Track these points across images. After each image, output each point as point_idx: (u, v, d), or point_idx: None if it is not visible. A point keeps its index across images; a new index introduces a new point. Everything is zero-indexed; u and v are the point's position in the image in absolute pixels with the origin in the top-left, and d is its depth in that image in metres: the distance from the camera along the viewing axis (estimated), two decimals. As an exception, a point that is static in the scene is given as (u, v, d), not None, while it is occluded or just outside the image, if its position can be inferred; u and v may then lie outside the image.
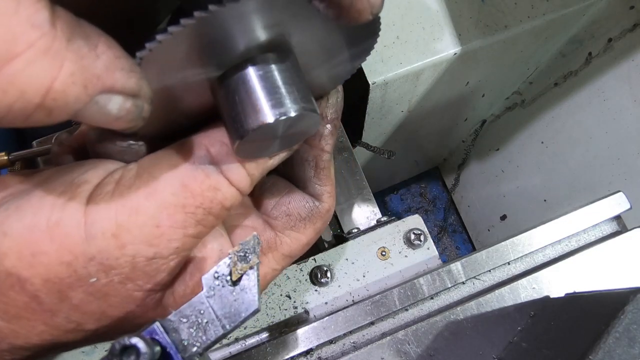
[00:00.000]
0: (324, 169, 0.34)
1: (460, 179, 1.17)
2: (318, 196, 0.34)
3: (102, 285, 0.26)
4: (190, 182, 0.26)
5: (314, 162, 0.33)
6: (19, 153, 0.47)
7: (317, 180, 0.34)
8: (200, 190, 0.26)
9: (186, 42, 0.22)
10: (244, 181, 0.28)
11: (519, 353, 0.36)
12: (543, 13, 0.58)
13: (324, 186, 0.34)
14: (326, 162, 0.34)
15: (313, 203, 0.34)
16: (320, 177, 0.34)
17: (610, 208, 0.43)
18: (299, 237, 0.33)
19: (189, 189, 0.26)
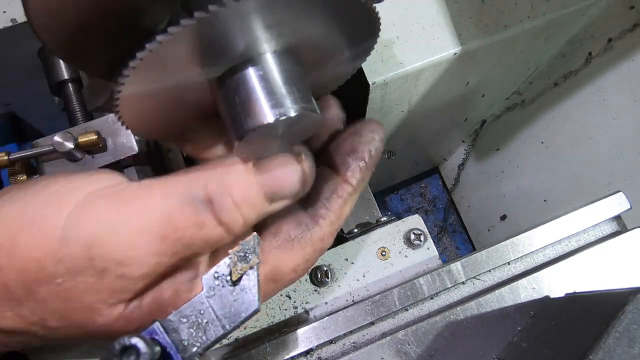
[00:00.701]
0: (339, 199, 0.33)
1: (460, 179, 1.17)
2: (317, 220, 0.33)
3: (66, 289, 0.26)
4: (177, 215, 0.26)
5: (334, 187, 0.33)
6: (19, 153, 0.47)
7: (326, 204, 0.33)
8: (184, 225, 0.26)
9: (186, 43, 0.22)
10: (236, 223, 0.28)
11: (519, 353, 0.36)
12: (543, 13, 0.58)
13: (329, 212, 0.33)
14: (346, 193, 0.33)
15: (307, 226, 0.32)
16: (331, 204, 0.33)
17: (610, 208, 0.43)
18: (284, 260, 0.31)
19: (174, 221, 0.26)
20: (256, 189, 0.28)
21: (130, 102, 0.26)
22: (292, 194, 0.29)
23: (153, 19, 0.26)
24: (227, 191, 0.27)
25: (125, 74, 0.23)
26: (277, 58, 0.26)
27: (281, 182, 0.28)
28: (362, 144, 0.33)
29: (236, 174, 0.28)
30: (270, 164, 0.28)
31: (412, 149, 1.02)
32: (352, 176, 0.33)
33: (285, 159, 0.29)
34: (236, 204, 0.27)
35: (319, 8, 0.24)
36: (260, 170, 0.28)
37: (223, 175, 0.27)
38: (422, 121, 0.78)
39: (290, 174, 0.28)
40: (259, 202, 0.28)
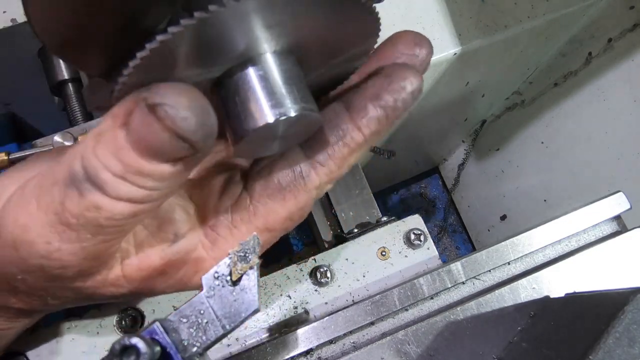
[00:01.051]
0: (346, 147, 0.28)
1: (460, 179, 1.17)
2: (315, 166, 0.29)
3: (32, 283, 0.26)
4: (67, 202, 0.23)
5: (343, 133, 0.28)
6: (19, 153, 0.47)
7: (329, 150, 0.29)
8: (78, 210, 0.23)
9: (186, 43, 0.22)
10: (134, 194, 0.23)
11: (519, 353, 0.36)
12: (543, 13, 0.58)
13: (330, 160, 0.29)
14: (354, 142, 0.28)
15: (301, 174, 0.29)
16: (335, 151, 0.29)
17: (610, 208, 0.43)
18: (276, 209, 0.29)
19: (67, 209, 0.23)
20: (133, 156, 0.22)
21: (130, 102, 0.26)
22: (177, 153, 0.23)
23: (153, 19, 0.26)
24: (102, 165, 0.23)
25: (125, 74, 0.23)
26: (277, 58, 0.26)
27: (152, 143, 0.22)
28: (388, 91, 0.28)
29: (108, 142, 0.23)
30: (135, 123, 0.22)
31: (412, 149, 1.02)
32: (367, 125, 0.28)
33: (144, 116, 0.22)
34: (120, 176, 0.23)
35: (319, 8, 0.24)
36: (129, 129, 0.22)
37: (94, 146, 0.23)
38: (422, 121, 0.78)
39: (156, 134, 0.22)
40: (147, 168, 0.23)
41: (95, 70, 0.27)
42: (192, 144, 0.22)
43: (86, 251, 0.25)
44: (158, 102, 0.21)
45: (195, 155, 0.23)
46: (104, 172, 0.23)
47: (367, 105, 0.28)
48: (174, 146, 0.22)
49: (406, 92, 0.28)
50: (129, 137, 0.22)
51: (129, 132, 0.22)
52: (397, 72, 0.28)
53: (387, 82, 0.28)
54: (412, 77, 0.28)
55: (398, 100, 0.28)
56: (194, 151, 0.23)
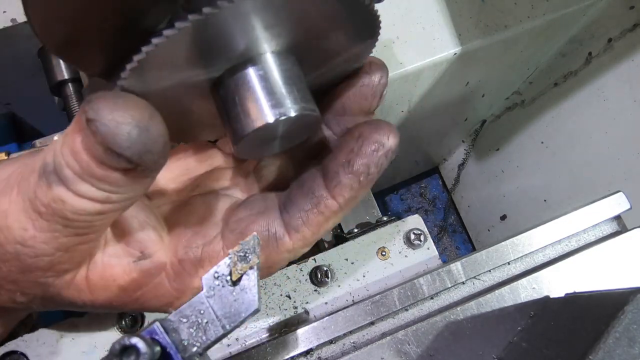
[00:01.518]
0: (320, 215, 0.28)
1: (460, 179, 1.17)
2: (291, 231, 0.29)
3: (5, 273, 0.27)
4: (37, 190, 0.24)
5: (317, 200, 0.28)
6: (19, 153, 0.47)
7: (304, 217, 0.29)
8: (46, 200, 0.24)
9: (183, 45, 0.22)
10: (94, 194, 0.24)
11: (519, 353, 0.36)
12: (543, 13, 0.58)
13: (304, 227, 0.29)
14: (329, 210, 0.28)
15: (275, 235, 0.29)
16: (309, 218, 0.28)
17: (610, 208, 0.43)
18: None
19: (38, 198, 0.24)
20: (86, 160, 0.23)
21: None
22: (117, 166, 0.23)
23: (153, 19, 0.26)
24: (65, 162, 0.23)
25: (123, 76, 0.23)
26: (276, 58, 0.26)
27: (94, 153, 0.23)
28: (360, 157, 0.27)
29: (69, 142, 0.23)
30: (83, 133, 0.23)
31: (412, 149, 1.02)
32: (340, 194, 0.28)
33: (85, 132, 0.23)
34: (79, 176, 0.24)
35: (318, 8, 0.24)
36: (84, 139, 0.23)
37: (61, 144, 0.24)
38: (422, 121, 0.78)
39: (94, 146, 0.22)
40: (98, 172, 0.23)
41: (95, 70, 0.27)
42: (128, 160, 0.23)
43: (58, 242, 0.26)
44: (92, 118, 0.22)
45: (139, 169, 0.23)
46: (66, 169, 0.23)
47: (340, 172, 0.27)
48: (110, 160, 0.23)
49: (378, 155, 0.27)
50: (83, 142, 0.23)
51: (84, 137, 0.23)
52: (369, 134, 0.27)
53: (357, 146, 0.27)
54: (384, 137, 0.27)
55: (370, 166, 0.27)
56: (134, 165, 0.23)
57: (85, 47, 0.26)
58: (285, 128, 0.27)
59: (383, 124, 0.28)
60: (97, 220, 0.26)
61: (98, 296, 0.30)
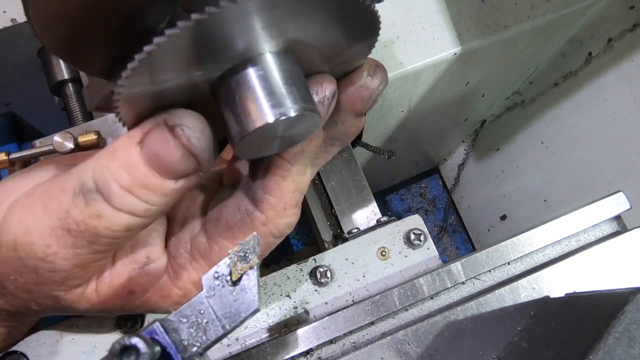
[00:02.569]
0: (274, 177, 0.29)
1: (460, 179, 1.17)
2: (257, 203, 0.30)
3: (22, 284, 0.28)
4: (72, 209, 0.26)
5: (266, 165, 0.29)
6: (19, 153, 0.47)
7: (262, 185, 0.30)
8: (81, 217, 0.26)
9: (185, 44, 0.22)
10: (138, 207, 0.26)
11: (519, 353, 0.36)
12: (543, 13, 0.58)
13: (266, 194, 0.30)
14: (279, 169, 0.29)
15: (246, 211, 0.30)
16: (267, 184, 0.29)
17: (610, 208, 0.43)
18: (228, 246, 0.31)
19: (71, 216, 0.26)
20: (143, 171, 0.25)
21: (130, 103, 0.26)
22: (185, 170, 0.26)
23: (153, 19, 0.26)
24: (112, 177, 0.25)
25: (124, 76, 0.23)
26: (276, 58, 0.26)
27: (165, 159, 0.25)
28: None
29: (120, 157, 0.26)
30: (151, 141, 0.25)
31: (412, 149, 1.02)
32: (286, 151, 0.29)
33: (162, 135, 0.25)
34: (127, 189, 0.25)
35: (318, 8, 0.24)
36: (144, 150, 0.25)
37: (108, 160, 0.26)
38: (422, 121, 0.78)
39: (171, 150, 0.25)
40: (153, 182, 0.26)
41: (95, 70, 0.27)
42: (199, 162, 0.26)
43: (78, 259, 0.27)
44: (178, 123, 0.25)
45: (197, 173, 0.26)
46: (113, 184, 0.25)
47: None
48: (183, 162, 0.25)
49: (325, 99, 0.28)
50: (142, 153, 0.25)
51: (143, 148, 0.25)
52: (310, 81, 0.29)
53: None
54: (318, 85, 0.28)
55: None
56: (198, 169, 0.26)
57: (85, 47, 0.26)
58: (286, 128, 0.27)
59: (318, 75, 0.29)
60: (125, 236, 0.27)
61: (108, 304, 0.31)
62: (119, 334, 0.41)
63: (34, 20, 0.23)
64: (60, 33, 0.24)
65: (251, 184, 0.31)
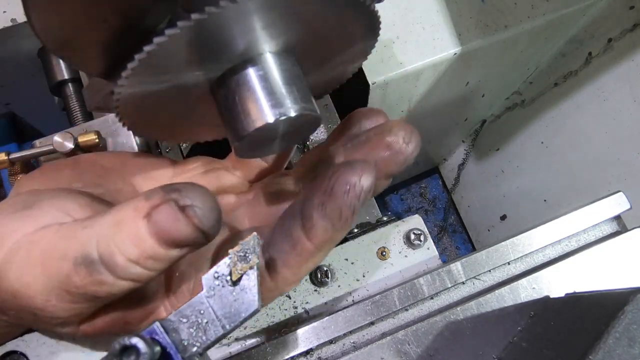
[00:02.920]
0: (298, 257, 0.28)
1: (460, 179, 1.17)
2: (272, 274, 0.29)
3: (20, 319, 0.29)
4: (73, 276, 0.26)
5: (294, 242, 0.28)
6: (19, 153, 0.47)
7: (283, 259, 0.28)
8: (82, 284, 0.26)
9: (184, 45, 0.22)
10: (141, 275, 0.26)
11: (519, 353, 0.36)
12: (543, 13, 0.58)
13: (284, 269, 0.29)
14: (306, 252, 0.28)
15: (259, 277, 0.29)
16: (289, 262, 0.28)
17: (610, 208, 0.43)
18: None
19: (72, 281, 0.26)
20: (150, 243, 0.25)
21: (130, 103, 0.26)
22: (192, 242, 0.26)
23: (153, 19, 0.26)
24: (119, 250, 0.25)
25: (124, 76, 0.23)
26: (276, 58, 0.26)
27: (173, 235, 0.25)
28: (332, 199, 0.26)
29: (127, 230, 0.25)
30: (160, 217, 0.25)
31: (412, 149, 1.02)
32: (315, 236, 0.27)
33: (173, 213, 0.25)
34: (132, 260, 0.25)
35: (318, 8, 0.24)
36: (152, 221, 0.25)
37: (115, 233, 0.25)
38: (422, 121, 0.78)
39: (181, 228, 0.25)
40: (159, 253, 0.26)
41: (95, 70, 0.27)
42: (207, 235, 0.26)
43: (77, 310, 0.28)
44: (189, 204, 0.25)
45: (201, 242, 0.26)
46: (119, 256, 0.25)
47: (314, 215, 0.27)
48: (192, 237, 0.25)
49: (350, 197, 0.26)
50: (149, 228, 0.25)
51: (151, 223, 0.25)
52: (340, 175, 0.26)
53: (329, 188, 0.26)
54: (355, 177, 0.26)
55: (343, 209, 0.26)
56: (206, 241, 0.26)
57: (86, 47, 0.26)
58: (286, 128, 0.27)
59: (357, 163, 0.26)
60: (123, 294, 0.27)
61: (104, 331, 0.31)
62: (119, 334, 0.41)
63: (34, 20, 0.23)
64: (61, 33, 0.24)
65: (270, 249, 0.29)
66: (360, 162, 0.26)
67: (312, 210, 0.27)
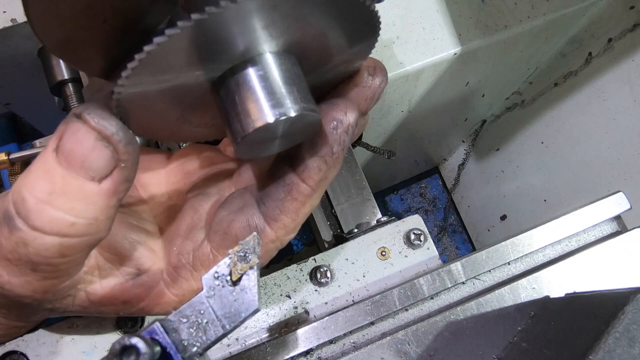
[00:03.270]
0: (295, 201, 0.29)
1: (460, 179, 1.17)
2: (270, 222, 0.30)
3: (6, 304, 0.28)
4: (2, 240, 0.24)
5: (288, 187, 0.29)
6: (19, 153, 0.47)
7: (279, 205, 0.29)
8: (10, 246, 0.24)
9: (184, 44, 0.22)
10: (58, 223, 0.24)
11: (519, 353, 0.36)
12: (543, 13, 0.58)
13: (282, 215, 0.29)
14: (302, 195, 0.29)
15: (256, 227, 0.30)
16: (286, 206, 0.29)
17: (610, 208, 0.43)
18: None
19: (2, 244, 0.24)
20: (60, 172, 0.23)
21: (129, 103, 0.26)
22: (103, 160, 0.23)
23: (153, 19, 0.26)
24: (28, 191, 0.23)
25: (124, 75, 0.23)
26: (276, 58, 0.26)
27: (79, 151, 0.23)
28: (322, 137, 0.27)
29: (36, 167, 0.23)
30: (65, 138, 0.23)
31: (412, 149, 1.02)
32: (309, 177, 0.28)
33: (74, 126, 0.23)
34: (44, 200, 0.23)
35: (318, 8, 0.24)
36: (60, 152, 0.23)
37: (25, 176, 0.24)
38: (422, 121, 0.78)
39: (82, 137, 0.23)
40: (72, 185, 0.23)
41: (95, 70, 0.27)
42: (116, 147, 0.23)
43: (33, 285, 0.26)
44: (84, 111, 0.23)
45: (119, 165, 0.24)
46: (29, 198, 0.23)
47: (305, 157, 0.28)
48: (98, 149, 0.23)
49: (338, 132, 0.27)
50: (58, 156, 0.23)
51: (59, 150, 0.23)
52: (326, 113, 0.27)
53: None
54: (342, 113, 0.27)
55: (333, 145, 0.27)
56: (118, 157, 0.24)
57: (85, 47, 0.26)
58: (286, 128, 0.27)
59: (339, 100, 0.28)
60: (65, 262, 0.26)
61: (104, 309, 0.31)
62: (119, 334, 0.41)
63: (34, 20, 0.23)
64: (60, 33, 0.24)
65: (266, 200, 0.29)
66: (341, 99, 0.28)
67: (304, 153, 0.28)
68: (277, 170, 0.30)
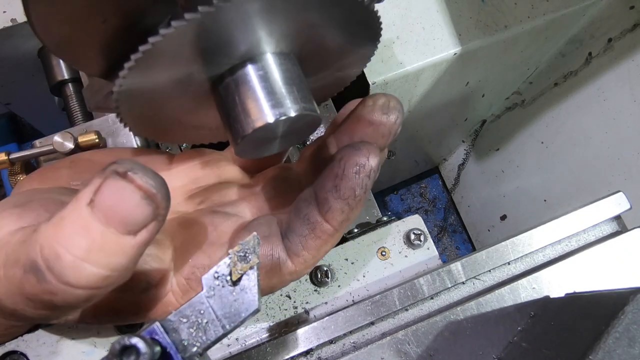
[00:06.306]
0: (317, 239, 0.29)
1: (460, 179, 1.17)
2: (292, 255, 0.30)
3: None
4: (25, 285, 0.24)
5: (312, 226, 0.29)
6: (19, 153, 0.47)
7: (302, 242, 0.30)
8: (35, 293, 0.24)
9: (189, 38, 0.22)
10: (93, 279, 0.23)
11: (519, 353, 0.36)
12: (543, 13, 0.58)
13: (304, 251, 0.30)
14: (325, 234, 0.29)
15: (279, 259, 0.30)
16: (309, 244, 0.30)
17: (610, 208, 0.43)
18: None
19: (25, 291, 0.24)
20: (97, 228, 0.23)
21: (129, 103, 0.26)
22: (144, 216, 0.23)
23: (153, 19, 0.26)
24: (64, 248, 0.23)
25: (121, 76, 0.23)
26: (277, 58, 0.26)
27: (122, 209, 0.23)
28: (345, 181, 0.28)
29: (70, 223, 0.23)
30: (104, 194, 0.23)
31: (412, 149, 1.02)
32: (333, 217, 0.29)
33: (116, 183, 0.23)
34: (81, 257, 0.23)
35: (318, 8, 0.24)
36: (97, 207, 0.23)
37: (56, 231, 0.23)
38: (422, 121, 0.78)
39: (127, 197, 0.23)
40: (111, 241, 0.23)
41: (95, 70, 0.27)
42: (157, 202, 0.23)
43: (47, 316, 0.27)
44: (128, 169, 0.23)
45: (156, 219, 0.24)
46: (65, 255, 0.23)
47: (329, 198, 0.28)
48: (142, 206, 0.23)
49: (361, 177, 0.28)
50: (94, 212, 0.23)
51: (95, 207, 0.23)
52: (349, 158, 0.28)
53: (340, 171, 0.28)
54: (363, 158, 0.28)
55: (355, 188, 0.28)
56: (157, 212, 0.24)
57: (86, 47, 0.26)
58: (285, 128, 0.27)
59: (362, 145, 0.28)
60: (85, 305, 0.26)
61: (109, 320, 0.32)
62: (119, 334, 0.41)
63: (34, 20, 0.23)
64: (60, 33, 0.24)
65: (290, 234, 0.30)
66: (364, 143, 0.28)
67: (327, 194, 0.28)
68: (302, 206, 0.30)
